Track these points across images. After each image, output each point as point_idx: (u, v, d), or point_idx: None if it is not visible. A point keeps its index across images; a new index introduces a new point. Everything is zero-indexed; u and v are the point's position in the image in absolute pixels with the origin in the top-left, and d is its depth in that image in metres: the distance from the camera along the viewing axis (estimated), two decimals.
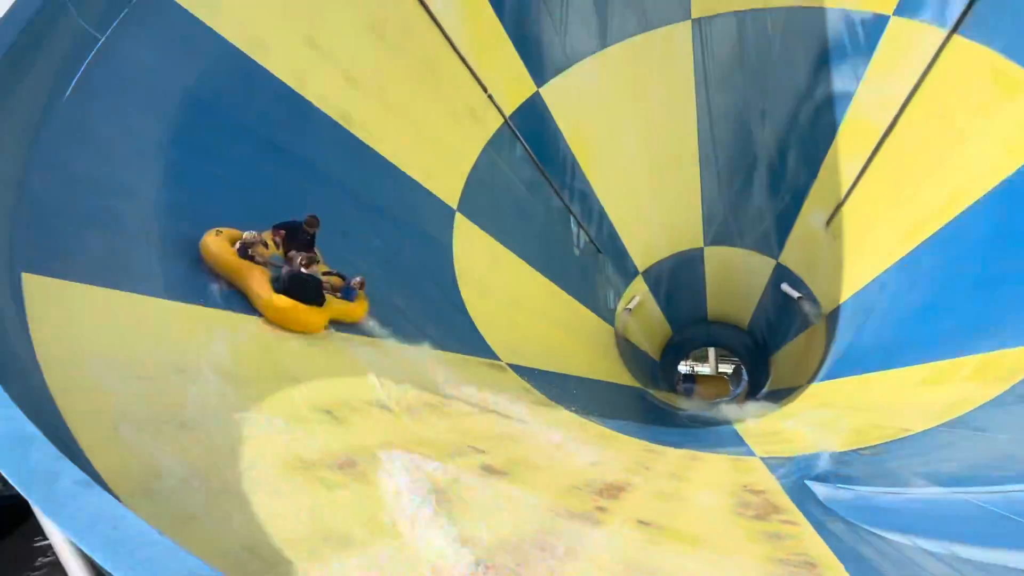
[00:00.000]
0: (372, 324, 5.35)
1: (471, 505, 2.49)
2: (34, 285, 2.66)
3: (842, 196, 9.39)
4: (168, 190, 4.25)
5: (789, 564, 2.37)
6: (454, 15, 7.78)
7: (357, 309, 5.28)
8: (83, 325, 2.73)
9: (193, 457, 2.04)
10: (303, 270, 4.37)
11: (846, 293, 9.79)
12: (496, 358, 7.30)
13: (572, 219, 11.43)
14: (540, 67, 9.43)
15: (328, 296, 4.74)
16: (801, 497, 3.64)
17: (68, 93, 3.79)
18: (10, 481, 1.17)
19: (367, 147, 6.77)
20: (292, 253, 4.68)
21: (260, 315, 4.02)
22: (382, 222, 6.91)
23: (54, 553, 1.71)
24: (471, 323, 7.53)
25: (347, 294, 5.26)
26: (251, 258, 4.24)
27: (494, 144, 9.21)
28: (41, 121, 3.54)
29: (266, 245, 4.52)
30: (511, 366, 7.31)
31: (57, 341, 2.45)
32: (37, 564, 5.23)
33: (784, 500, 3.63)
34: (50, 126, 3.58)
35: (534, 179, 10.25)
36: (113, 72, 4.14)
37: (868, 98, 8.18)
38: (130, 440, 2.03)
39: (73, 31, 3.90)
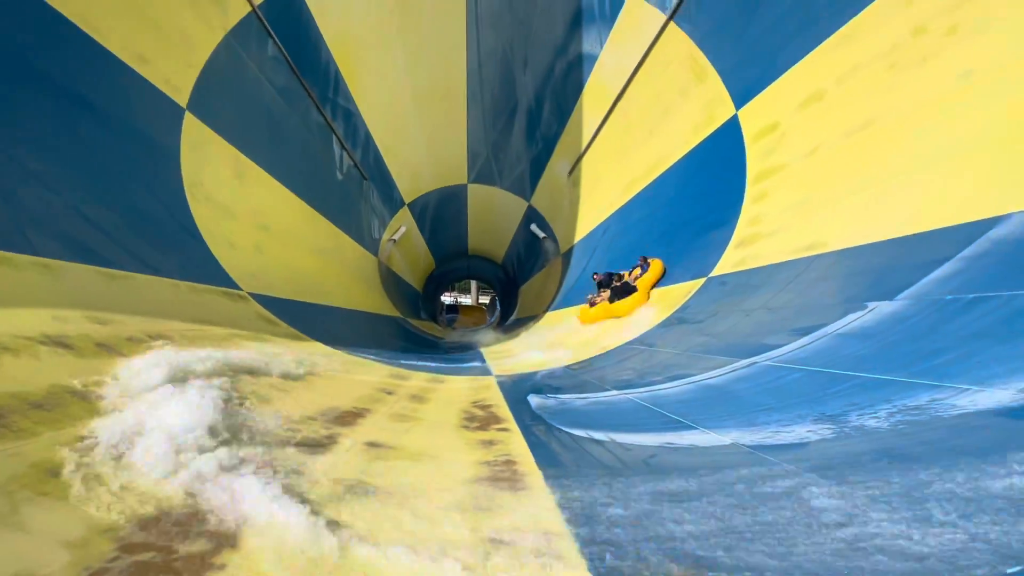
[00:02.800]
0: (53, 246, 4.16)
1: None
2: None
3: (582, 150, 10.71)
4: None
5: (494, 464, 2.74)
6: None
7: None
8: None
9: None
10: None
11: (579, 235, 11.43)
12: (235, 287, 6.50)
13: (335, 138, 10.57)
14: None
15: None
16: (519, 408, 4.23)
17: None
18: None
19: (41, 2, 4.97)
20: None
21: None
22: (69, 112, 5.26)
23: None
24: (204, 246, 6.48)
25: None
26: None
27: (238, 35, 7.74)
28: None
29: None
30: (253, 296, 6.61)
31: None
32: None
33: (505, 412, 4.16)
34: None
35: (290, 87, 9.06)
36: None
37: (608, 64, 9.29)
38: None
39: None
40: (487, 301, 36.38)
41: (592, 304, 8.55)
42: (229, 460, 2.18)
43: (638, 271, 7.90)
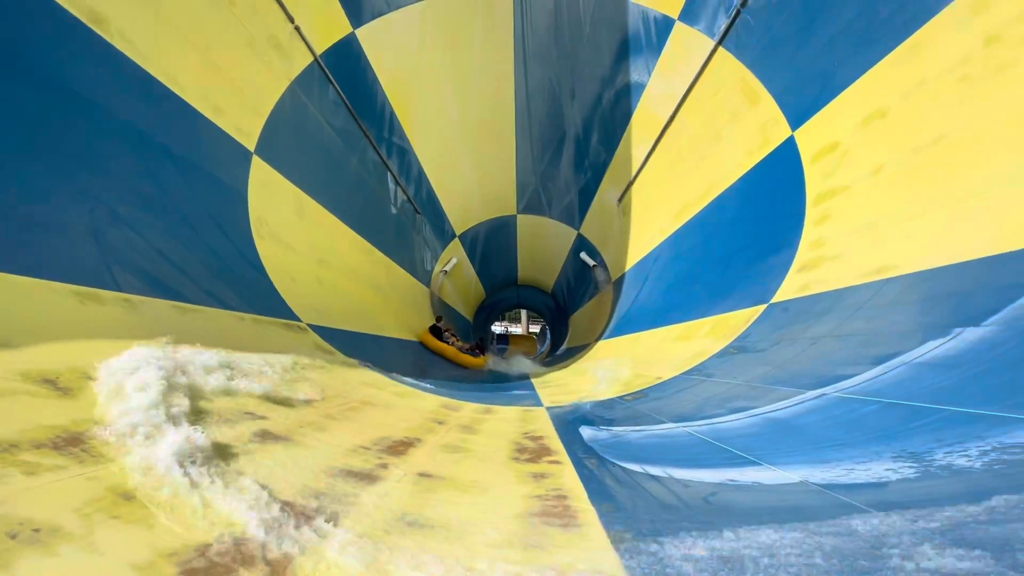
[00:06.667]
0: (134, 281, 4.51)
1: (230, 473, 2.27)
2: None
3: (632, 177, 10.64)
4: None
5: (545, 498, 2.66)
6: None
7: (475, 360, 12.43)
8: None
9: None
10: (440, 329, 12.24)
11: (630, 263, 11.25)
12: (296, 318, 6.78)
13: (389, 175, 11.02)
14: (357, 6, 8.71)
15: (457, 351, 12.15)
16: (570, 440, 4.12)
17: None
18: None
19: (129, 61, 5.51)
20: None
21: None
22: (152, 160, 5.76)
23: None
24: (267, 280, 6.84)
25: (474, 353, 12.75)
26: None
27: (302, 84, 8.30)
28: None
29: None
30: (312, 327, 6.87)
31: None
32: None
33: (556, 443, 4.07)
34: None
35: (348, 128, 9.56)
36: None
37: (656, 91, 9.27)
38: None
39: None
40: (537, 330, 36.20)
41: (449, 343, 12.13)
42: (286, 490, 2.22)
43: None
